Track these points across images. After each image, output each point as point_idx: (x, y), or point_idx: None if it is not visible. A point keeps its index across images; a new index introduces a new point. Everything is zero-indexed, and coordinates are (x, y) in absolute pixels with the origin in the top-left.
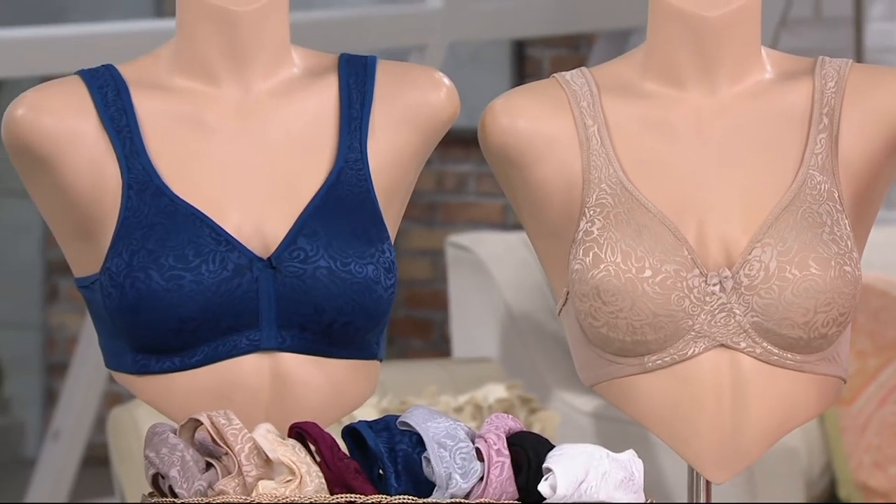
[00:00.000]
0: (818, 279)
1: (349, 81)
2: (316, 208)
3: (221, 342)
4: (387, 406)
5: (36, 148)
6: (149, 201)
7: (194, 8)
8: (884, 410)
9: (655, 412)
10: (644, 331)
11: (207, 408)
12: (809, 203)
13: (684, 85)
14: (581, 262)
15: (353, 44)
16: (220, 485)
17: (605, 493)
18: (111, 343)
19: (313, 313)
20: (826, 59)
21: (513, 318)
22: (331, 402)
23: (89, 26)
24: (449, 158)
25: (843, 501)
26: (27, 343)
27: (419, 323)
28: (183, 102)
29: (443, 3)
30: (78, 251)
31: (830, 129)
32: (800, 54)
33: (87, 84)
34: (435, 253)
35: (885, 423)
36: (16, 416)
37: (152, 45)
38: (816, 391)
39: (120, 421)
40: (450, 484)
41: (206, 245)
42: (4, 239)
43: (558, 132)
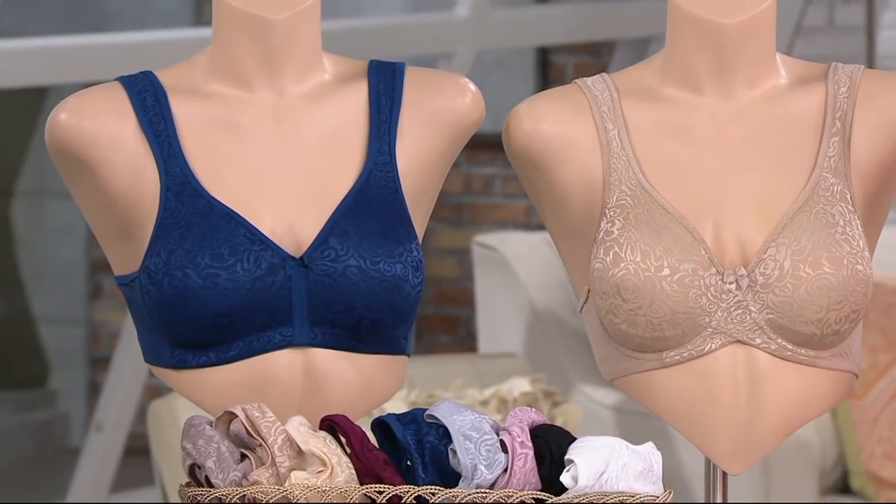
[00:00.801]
0: (831, 278)
1: (378, 87)
2: (346, 209)
3: (255, 338)
4: (415, 399)
5: (78, 151)
6: (186, 202)
7: (230, 16)
8: (895, 404)
9: (674, 406)
10: (663, 327)
11: (242, 401)
12: (822, 204)
13: (702, 90)
14: (602, 261)
15: (383, 51)
16: (254, 475)
17: (625, 483)
18: (150, 338)
19: (344, 310)
20: (839, 65)
21: (537, 314)
22: (361, 395)
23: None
24: (476, 161)
25: (855, 492)
26: (72, 338)
27: (447, 319)
28: (219, 107)
29: (470, 12)
30: (118, 250)
31: (843, 133)
32: (813, 61)
33: (126, 90)
34: (462, 252)
35: None
36: (61, 409)
37: (191, 52)
38: (829, 386)
39: (159, 413)
40: (475, 475)
41: (240, 244)
42: (50, 239)
43: (580, 136)
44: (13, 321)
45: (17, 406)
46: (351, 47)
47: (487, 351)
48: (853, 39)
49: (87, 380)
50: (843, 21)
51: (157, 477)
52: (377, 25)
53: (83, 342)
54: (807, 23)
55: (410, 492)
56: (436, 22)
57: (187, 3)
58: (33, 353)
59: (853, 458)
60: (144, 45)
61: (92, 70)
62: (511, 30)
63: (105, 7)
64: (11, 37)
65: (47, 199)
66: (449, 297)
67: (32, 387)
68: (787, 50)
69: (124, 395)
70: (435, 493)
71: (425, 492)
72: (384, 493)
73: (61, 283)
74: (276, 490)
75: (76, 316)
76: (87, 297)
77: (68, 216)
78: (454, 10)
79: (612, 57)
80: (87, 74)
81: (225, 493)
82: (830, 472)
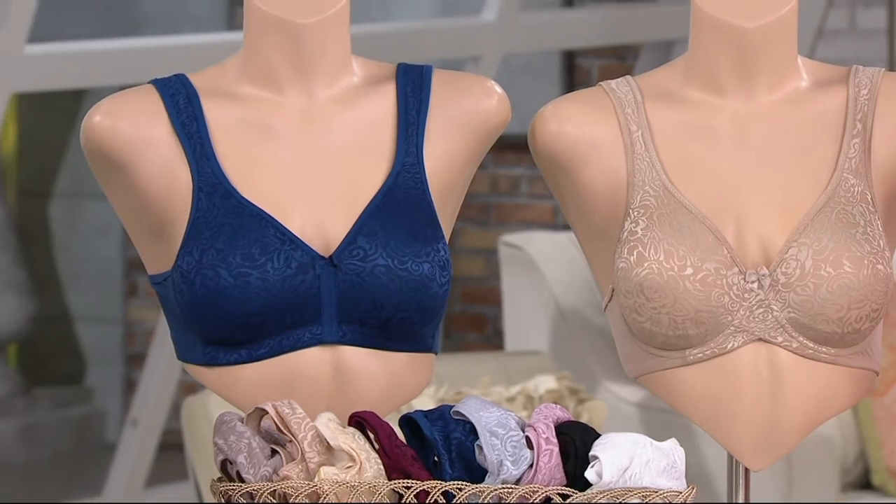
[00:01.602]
0: (852, 277)
1: (406, 89)
2: (375, 209)
3: (285, 336)
4: (443, 396)
5: (112, 152)
6: (218, 203)
7: (261, 20)
8: None
9: (697, 403)
10: (686, 326)
11: (272, 398)
12: (843, 205)
13: (724, 92)
14: (626, 260)
15: (412, 54)
16: (285, 470)
17: (649, 479)
18: (182, 336)
19: (372, 309)
20: (859, 68)
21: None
22: (389, 392)
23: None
24: (503, 162)
25: (876, 488)
26: (108, 336)
27: (474, 317)
28: (250, 109)
29: (497, 16)
30: (151, 250)
31: (864, 135)
32: (835, 64)
33: (160, 92)
34: (489, 252)
35: None
36: (98, 405)
37: (223, 55)
38: (850, 383)
39: (193, 409)
40: (501, 470)
41: (271, 244)
42: (87, 239)
43: (604, 137)
44: (51, 320)
45: (55, 403)
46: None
47: (514, 349)
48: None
49: (122, 377)
50: (864, 24)
51: (191, 472)
52: (406, 29)
53: (119, 340)
54: (829, 26)
55: (437, 487)
56: (464, 26)
57: (220, 8)
58: (70, 351)
59: (874, 454)
60: (178, 49)
61: (127, 73)
62: (537, 33)
63: (139, 11)
64: (48, 40)
65: (84, 200)
66: (476, 295)
67: (70, 384)
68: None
69: (159, 391)
70: (462, 488)
71: (452, 487)
72: (412, 488)
73: (98, 282)
74: (305, 485)
75: (112, 314)
76: (123, 296)
77: (105, 216)
78: (482, 14)
79: (637, 60)
80: (122, 77)
81: (256, 487)
82: (852, 468)
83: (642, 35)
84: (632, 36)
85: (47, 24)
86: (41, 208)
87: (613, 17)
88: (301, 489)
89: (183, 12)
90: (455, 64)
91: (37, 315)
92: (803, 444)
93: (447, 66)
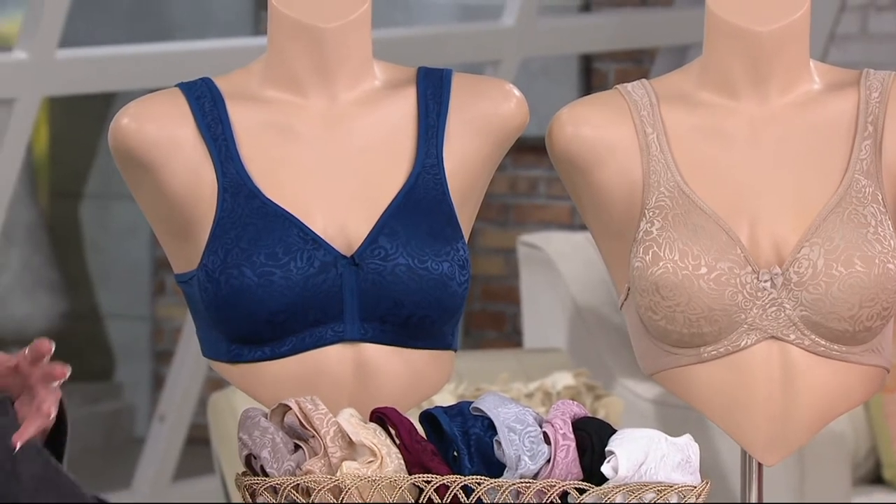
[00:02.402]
0: (863, 276)
1: (427, 92)
2: (396, 210)
3: (308, 333)
4: (463, 392)
5: (139, 154)
6: (242, 203)
7: (285, 25)
8: None
9: (711, 399)
10: (700, 324)
11: (296, 394)
12: (855, 205)
13: (738, 95)
14: (641, 259)
15: (432, 59)
16: (308, 465)
17: (664, 474)
18: (208, 333)
19: (393, 307)
20: (870, 72)
21: (579, 311)
22: (409, 389)
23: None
24: (521, 164)
25: (887, 482)
26: (137, 333)
27: (493, 315)
28: (273, 112)
29: (516, 21)
30: (177, 249)
31: (875, 136)
32: (847, 68)
33: (185, 95)
34: (508, 251)
35: None
36: (126, 400)
37: (249, 60)
38: (861, 380)
39: (219, 405)
40: (519, 465)
41: (294, 244)
42: (116, 239)
43: (620, 139)
44: (81, 317)
45: (85, 398)
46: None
47: (532, 346)
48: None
49: (150, 373)
50: (876, 29)
51: (217, 465)
52: (428, 34)
53: (147, 337)
54: (840, 30)
55: (457, 481)
56: (483, 31)
57: (246, 14)
58: (100, 348)
59: (885, 449)
60: (204, 54)
61: (155, 77)
62: (555, 38)
63: (168, 17)
64: (79, 45)
65: (114, 202)
66: (495, 294)
67: (99, 380)
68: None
69: (186, 387)
70: (480, 482)
71: (471, 481)
72: (432, 482)
73: (127, 280)
74: (328, 479)
75: (140, 312)
76: (151, 294)
77: (133, 217)
78: (501, 19)
79: (653, 64)
80: (150, 81)
81: (279, 482)
82: (863, 463)
83: (658, 39)
84: (647, 40)
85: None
86: (72, 209)
87: (630, 22)
88: (323, 483)
89: (210, 18)
90: (475, 68)
91: (68, 313)
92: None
93: (467, 70)
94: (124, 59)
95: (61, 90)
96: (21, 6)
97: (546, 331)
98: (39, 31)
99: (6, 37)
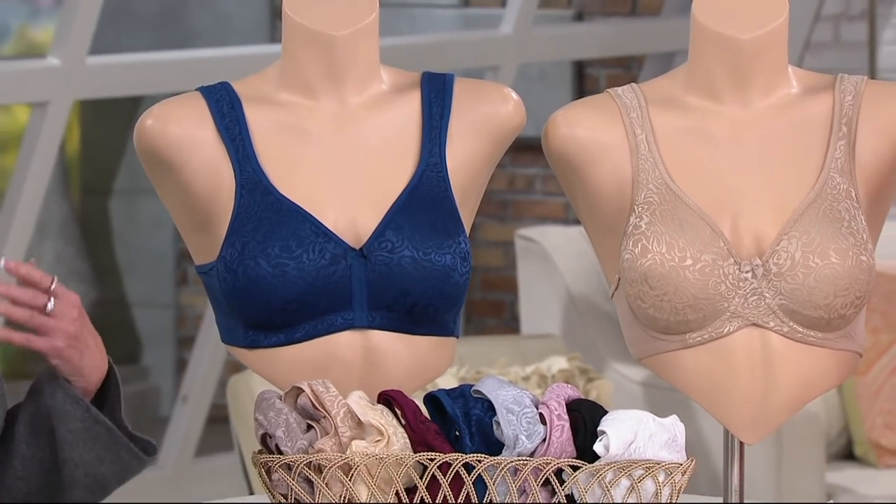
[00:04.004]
0: (838, 267)
1: (430, 96)
2: (401, 205)
3: (320, 321)
4: (464, 375)
5: (162, 153)
6: (258, 199)
7: (298, 33)
8: (894, 379)
9: (695, 382)
10: (685, 312)
11: (308, 377)
12: (830, 201)
13: (721, 98)
14: (631, 252)
15: (436, 64)
16: (319, 444)
17: (652, 452)
18: (226, 321)
19: (399, 296)
20: (844, 76)
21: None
22: (414, 372)
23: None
24: (519, 163)
25: (858, 458)
26: (162, 320)
27: (493, 304)
28: (287, 114)
29: (514, 29)
30: (197, 242)
31: (849, 137)
32: (822, 73)
33: (205, 98)
34: (506, 244)
35: None
36: (152, 382)
37: (265, 65)
38: (836, 364)
39: (237, 387)
40: (517, 444)
41: (306, 237)
42: (143, 232)
43: (611, 140)
44: (110, 305)
45: None
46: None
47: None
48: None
49: (174, 357)
50: (847, 37)
51: (236, 443)
52: (431, 42)
53: (171, 323)
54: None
55: (458, 459)
56: (483, 38)
57: (262, 23)
58: (128, 334)
59: (857, 428)
60: (224, 60)
61: (178, 82)
62: (550, 45)
63: (190, 26)
64: (108, 52)
65: (140, 197)
66: (494, 284)
67: (127, 363)
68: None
69: (207, 370)
70: (481, 460)
71: (472, 459)
72: (435, 460)
73: (152, 271)
74: (338, 457)
75: (165, 300)
76: (175, 284)
77: (158, 212)
78: (500, 28)
79: (641, 69)
80: (174, 86)
81: (293, 459)
82: (836, 441)
83: (646, 47)
84: (636, 48)
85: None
86: (102, 204)
87: (619, 31)
88: (334, 461)
89: (228, 26)
90: (475, 73)
91: (98, 301)
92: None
93: (468, 75)
94: (149, 65)
95: (91, 94)
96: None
97: (542, 318)
98: (71, 40)
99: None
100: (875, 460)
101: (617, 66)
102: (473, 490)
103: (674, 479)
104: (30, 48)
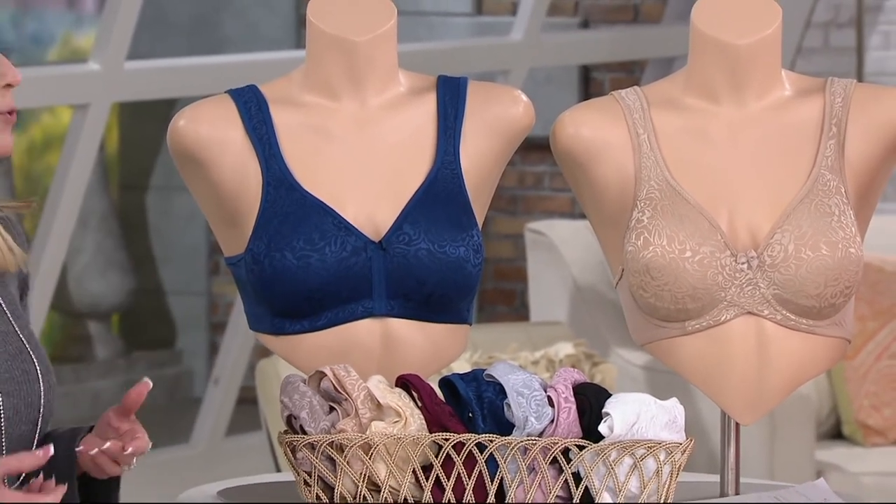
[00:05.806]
0: (828, 259)
1: (445, 98)
2: (418, 201)
3: (341, 309)
4: (477, 360)
5: (194, 151)
6: (284, 195)
7: (321, 39)
8: (880, 364)
9: (694, 367)
10: (685, 301)
11: (330, 362)
12: (821, 197)
13: (719, 100)
14: (634, 244)
15: (451, 68)
16: (341, 425)
17: (653, 433)
18: (253, 309)
19: (416, 286)
20: (834, 79)
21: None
22: (430, 358)
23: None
24: (529, 160)
25: (846, 437)
26: (195, 307)
27: (504, 293)
28: (311, 115)
29: (524, 36)
30: (227, 235)
31: (838, 136)
32: (812, 76)
33: (234, 100)
34: (517, 237)
35: (881, 374)
36: (186, 365)
37: (291, 70)
38: (826, 350)
39: (265, 370)
40: (526, 425)
41: (329, 230)
42: (177, 225)
43: (615, 139)
44: (147, 293)
45: (150, 363)
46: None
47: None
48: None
49: (207, 341)
50: (836, 43)
51: (264, 423)
52: (446, 47)
53: (204, 310)
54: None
55: (472, 439)
56: (495, 44)
57: (289, 30)
58: (163, 320)
59: (845, 409)
60: (252, 65)
61: (210, 85)
62: (558, 51)
63: (221, 33)
64: (145, 58)
65: (175, 193)
66: (505, 274)
67: (163, 347)
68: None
69: (237, 354)
70: (492, 440)
71: (484, 439)
72: (450, 440)
73: (186, 261)
74: (359, 437)
75: (198, 288)
76: (208, 273)
77: (192, 207)
78: (510, 34)
79: (643, 73)
80: (206, 89)
81: (316, 439)
82: (825, 421)
83: (647, 52)
84: (639, 53)
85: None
86: (139, 200)
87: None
88: (355, 441)
89: (257, 34)
90: (488, 76)
91: (135, 289)
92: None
93: (481, 79)
94: (183, 70)
95: (129, 97)
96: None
97: (550, 306)
98: (110, 46)
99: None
100: (862, 439)
101: (620, 70)
102: (486, 468)
103: (674, 457)
104: (73, 54)
